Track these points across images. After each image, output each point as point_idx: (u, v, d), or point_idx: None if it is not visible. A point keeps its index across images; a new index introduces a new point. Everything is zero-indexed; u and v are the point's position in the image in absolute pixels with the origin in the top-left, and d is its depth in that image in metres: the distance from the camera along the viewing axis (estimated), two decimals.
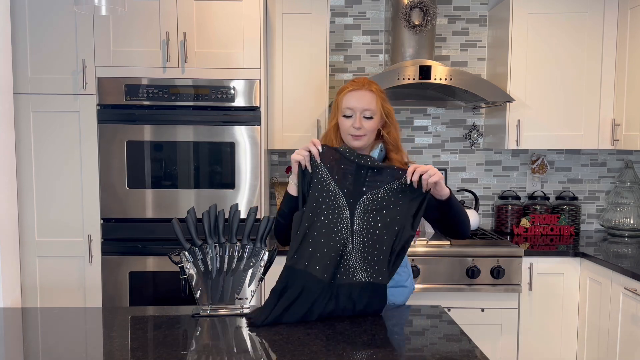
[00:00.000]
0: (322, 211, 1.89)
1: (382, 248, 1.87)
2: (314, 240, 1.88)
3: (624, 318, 2.77)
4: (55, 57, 3.00)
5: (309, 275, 1.84)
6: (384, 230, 1.87)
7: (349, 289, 1.87)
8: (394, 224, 1.87)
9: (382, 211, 1.88)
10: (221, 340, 1.79)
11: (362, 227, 1.89)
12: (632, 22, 3.24)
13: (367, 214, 1.89)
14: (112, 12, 2.10)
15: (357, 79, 2.11)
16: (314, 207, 1.89)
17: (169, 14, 3.00)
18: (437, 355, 1.64)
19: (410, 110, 3.78)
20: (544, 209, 3.68)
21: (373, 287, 1.87)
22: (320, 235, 1.88)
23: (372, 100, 2.02)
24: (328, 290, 1.86)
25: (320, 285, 1.84)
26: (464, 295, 3.14)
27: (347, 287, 1.87)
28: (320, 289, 1.85)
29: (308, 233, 1.88)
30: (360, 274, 1.87)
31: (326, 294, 1.86)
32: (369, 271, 1.87)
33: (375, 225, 1.88)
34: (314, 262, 1.86)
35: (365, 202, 1.89)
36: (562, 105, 3.40)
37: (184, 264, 1.95)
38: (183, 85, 3.03)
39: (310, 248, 1.87)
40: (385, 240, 1.87)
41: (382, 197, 1.89)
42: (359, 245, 1.88)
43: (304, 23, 3.28)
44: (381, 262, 1.86)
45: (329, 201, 1.90)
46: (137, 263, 3.08)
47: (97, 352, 1.71)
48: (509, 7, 3.37)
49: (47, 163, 3.05)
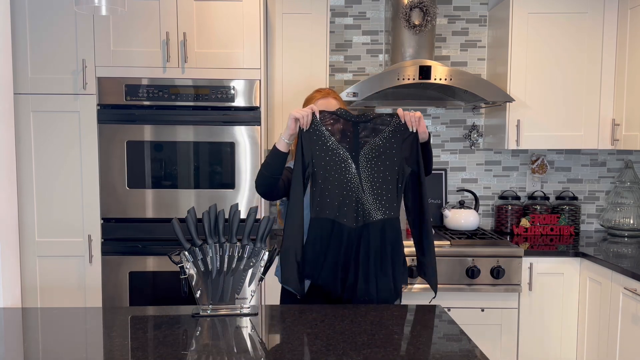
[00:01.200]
0: (331, 168, 2.16)
1: (389, 187, 2.17)
2: (330, 193, 2.15)
3: (624, 318, 2.77)
4: (55, 57, 3.00)
5: (335, 223, 2.15)
6: (387, 172, 2.17)
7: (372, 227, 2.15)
8: (394, 165, 2.18)
9: (382, 157, 2.18)
10: (221, 340, 1.79)
11: (368, 174, 2.17)
12: (632, 22, 3.24)
13: (369, 161, 2.18)
14: (112, 12, 2.10)
15: (321, 89, 2.57)
16: (323, 166, 2.16)
17: (169, 14, 3.00)
18: (437, 355, 1.64)
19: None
20: (544, 209, 3.68)
21: (388, 222, 2.17)
22: (334, 187, 2.15)
23: (338, 105, 2.44)
24: (354, 234, 2.15)
25: (346, 229, 2.14)
26: (464, 295, 3.14)
27: (370, 227, 2.15)
28: (347, 233, 2.15)
29: (323, 188, 2.15)
30: (375, 214, 2.17)
31: (353, 237, 2.15)
32: (381, 210, 2.17)
33: (379, 170, 2.17)
34: (334, 211, 2.15)
35: (366, 152, 2.18)
36: (562, 105, 3.40)
37: (184, 264, 1.95)
38: (183, 85, 3.04)
39: (328, 200, 2.15)
40: (390, 180, 2.17)
41: (379, 145, 2.18)
42: (369, 190, 2.17)
43: (304, 23, 3.28)
44: (391, 199, 2.17)
45: (335, 158, 2.16)
46: (137, 263, 3.09)
47: (97, 352, 1.72)
48: (508, 7, 3.37)
49: (47, 163, 3.05)
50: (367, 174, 2.17)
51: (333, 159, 2.16)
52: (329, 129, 2.17)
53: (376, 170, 2.17)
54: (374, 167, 2.17)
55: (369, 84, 3.16)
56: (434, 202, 3.73)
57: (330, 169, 2.15)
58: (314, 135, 2.16)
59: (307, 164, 2.15)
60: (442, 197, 3.75)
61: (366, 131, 2.18)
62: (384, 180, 2.17)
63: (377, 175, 2.17)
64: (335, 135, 2.17)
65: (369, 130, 2.18)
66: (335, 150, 2.16)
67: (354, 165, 2.17)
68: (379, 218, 2.16)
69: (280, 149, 2.21)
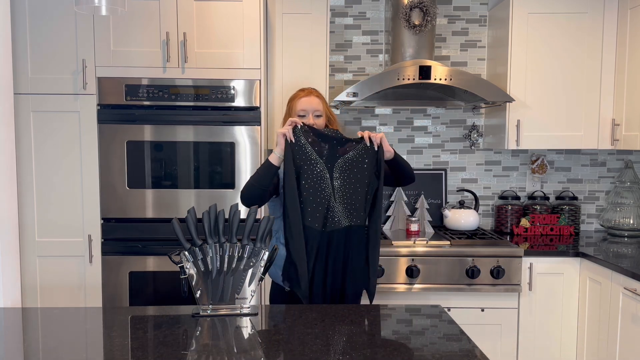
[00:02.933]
0: (308, 176, 2.35)
1: (357, 197, 2.38)
2: (305, 200, 2.34)
3: (624, 318, 2.77)
4: (55, 57, 3.00)
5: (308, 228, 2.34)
6: (357, 184, 2.38)
7: (337, 233, 2.37)
8: (364, 178, 2.38)
9: (354, 170, 2.38)
10: (221, 340, 1.79)
11: (340, 184, 2.38)
12: (632, 22, 3.24)
13: (342, 173, 2.38)
14: (112, 12, 2.10)
15: (304, 88, 2.69)
16: (301, 173, 2.34)
17: (169, 14, 3.00)
18: (437, 355, 1.64)
19: (410, 110, 3.78)
20: (543, 209, 3.68)
21: (353, 228, 2.39)
22: (308, 195, 2.35)
23: (320, 103, 2.60)
24: (324, 237, 2.36)
25: (317, 233, 2.35)
26: (463, 295, 3.14)
27: (336, 233, 2.37)
28: (319, 236, 2.35)
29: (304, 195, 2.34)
30: (343, 221, 2.38)
31: (323, 239, 2.36)
32: (348, 217, 2.39)
33: (350, 181, 2.38)
34: (308, 216, 2.34)
35: (340, 165, 2.39)
36: (562, 105, 3.40)
37: (184, 263, 1.95)
38: (183, 85, 3.04)
39: (301, 206, 2.34)
40: (359, 191, 2.38)
41: (351, 159, 2.39)
42: (340, 199, 2.38)
43: (304, 23, 3.28)
44: (358, 208, 2.39)
45: (313, 168, 2.36)
46: (137, 263, 3.09)
47: (97, 352, 1.72)
48: (508, 7, 3.37)
49: (48, 163, 3.05)
50: (339, 184, 2.38)
51: (311, 168, 2.36)
52: (309, 141, 2.37)
53: (347, 181, 2.38)
54: (346, 178, 2.38)
55: (369, 84, 3.16)
56: (434, 202, 3.73)
57: (307, 177, 2.35)
58: (295, 145, 2.35)
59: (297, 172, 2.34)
60: (442, 197, 3.75)
61: (340, 146, 2.39)
62: (354, 191, 2.38)
63: (348, 185, 2.38)
64: (314, 146, 2.37)
65: (343, 146, 2.40)
66: (314, 161, 2.37)
67: (328, 176, 2.37)
68: (346, 225, 2.38)
69: (273, 162, 2.37)
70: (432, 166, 3.81)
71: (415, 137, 3.80)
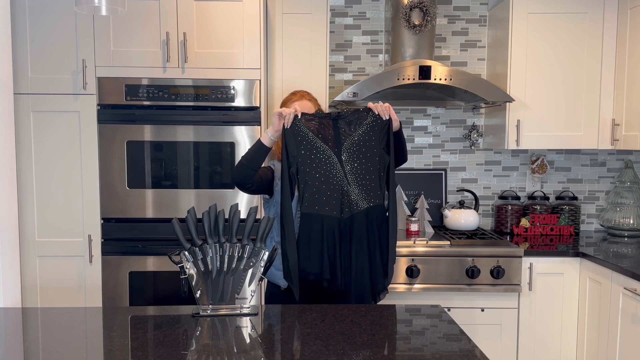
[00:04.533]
0: (316, 165, 2.31)
1: (371, 177, 2.34)
2: (317, 189, 2.30)
3: (624, 318, 2.77)
4: (55, 57, 3.00)
5: (323, 216, 2.29)
6: (368, 163, 2.33)
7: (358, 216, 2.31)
8: (374, 156, 2.34)
9: (363, 149, 2.33)
10: (221, 340, 1.79)
11: (351, 167, 2.33)
12: (632, 22, 3.24)
13: (351, 155, 2.33)
14: (112, 12, 2.10)
15: (296, 91, 2.69)
16: (309, 164, 2.31)
17: (169, 14, 3.00)
18: (437, 355, 1.64)
19: (410, 110, 3.78)
20: (543, 209, 3.68)
21: (373, 210, 2.33)
22: (320, 184, 2.30)
23: (312, 106, 2.59)
24: (345, 223, 2.31)
25: (335, 221, 2.30)
26: (463, 295, 3.14)
27: (357, 216, 2.31)
28: (336, 223, 2.30)
29: (310, 185, 2.30)
30: (361, 203, 2.33)
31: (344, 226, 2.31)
32: (367, 199, 2.33)
33: (360, 162, 2.33)
34: (322, 205, 2.29)
35: (347, 147, 2.34)
36: (562, 105, 3.41)
37: (184, 263, 1.95)
38: (183, 85, 3.04)
39: (316, 196, 2.30)
40: (372, 170, 2.34)
41: (359, 139, 2.34)
42: (354, 182, 2.33)
43: (304, 23, 3.28)
44: (374, 188, 2.34)
45: (320, 156, 2.32)
46: (137, 263, 3.09)
47: (97, 352, 1.72)
48: (508, 7, 3.37)
49: (48, 163, 3.05)
50: (350, 167, 2.33)
51: (318, 156, 2.32)
52: (312, 129, 2.33)
53: (359, 163, 2.33)
54: (357, 160, 2.33)
55: (369, 84, 3.16)
56: (434, 202, 3.73)
57: (316, 167, 2.31)
58: (298, 136, 2.31)
59: (291, 163, 2.30)
60: (442, 197, 3.75)
61: (345, 127, 2.35)
62: (367, 171, 2.33)
63: (359, 167, 2.33)
64: (318, 134, 2.33)
65: (348, 126, 2.35)
66: (320, 149, 2.32)
67: (337, 161, 2.33)
68: (365, 207, 2.33)
69: (264, 142, 2.34)
70: (432, 166, 3.81)
71: (415, 137, 3.80)
